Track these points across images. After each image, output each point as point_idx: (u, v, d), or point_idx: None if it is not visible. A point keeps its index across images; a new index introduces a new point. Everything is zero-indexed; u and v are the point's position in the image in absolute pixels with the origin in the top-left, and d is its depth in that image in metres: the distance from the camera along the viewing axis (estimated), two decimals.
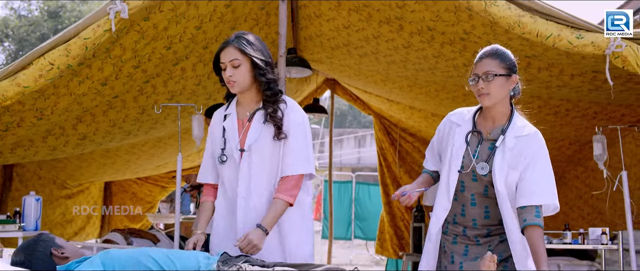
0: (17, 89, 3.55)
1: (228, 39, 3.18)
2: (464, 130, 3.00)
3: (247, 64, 3.09)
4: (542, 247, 2.68)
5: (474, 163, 2.88)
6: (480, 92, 2.85)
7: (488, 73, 2.83)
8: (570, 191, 7.75)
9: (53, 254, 2.66)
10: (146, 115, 5.30)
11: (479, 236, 2.93)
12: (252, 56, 3.07)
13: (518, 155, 2.84)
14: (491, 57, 2.89)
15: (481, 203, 2.91)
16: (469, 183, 2.90)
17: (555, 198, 2.86)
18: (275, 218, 3.02)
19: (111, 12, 3.56)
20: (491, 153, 2.88)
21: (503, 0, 3.48)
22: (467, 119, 3.05)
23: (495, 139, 2.89)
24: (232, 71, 3.09)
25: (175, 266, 2.47)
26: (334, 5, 4.83)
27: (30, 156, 5.32)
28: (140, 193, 9.14)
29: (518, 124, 2.94)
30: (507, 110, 2.97)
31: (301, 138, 3.14)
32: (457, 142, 2.98)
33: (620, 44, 3.39)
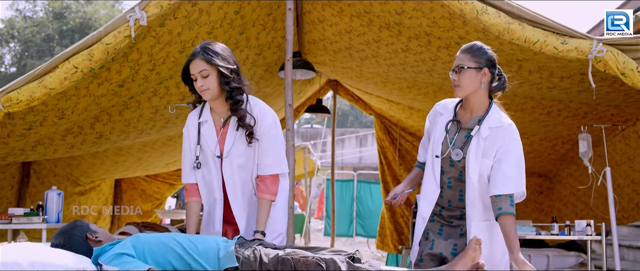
0: (44, 90, 3.79)
1: (195, 51, 3.32)
2: (445, 119, 3.27)
3: (215, 73, 3.23)
4: (515, 234, 2.97)
5: (450, 149, 3.15)
6: (453, 83, 3.13)
7: (459, 66, 3.11)
8: (563, 188, 8.00)
9: (88, 238, 2.95)
10: (159, 115, 5.57)
11: (452, 217, 3.20)
12: (219, 65, 3.21)
13: (491, 145, 3.09)
14: (464, 52, 3.16)
15: (456, 186, 3.18)
16: (447, 168, 3.17)
17: (524, 186, 3.12)
18: (266, 218, 3.29)
19: (131, 19, 3.81)
20: (467, 141, 3.14)
21: (493, 9, 3.73)
22: (449, 108, 3.32)
23: (472, 128, 3.15)
24: (202, 81, 3.24)
25: (198, 248, 2.75)
26: (337, 12, 5.09)
27: (49, 153, 5.59)
28: (149, 190, 9.40)
29: (494, 116, 3.19)
30: (485, 102, 3.22)
31: (274, 140, 3.34)
32: (438, 130, 3.25)
33: (602, 49, 3.63)
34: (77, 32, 27.36)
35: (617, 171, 6.53)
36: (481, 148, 3.10)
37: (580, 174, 7.38)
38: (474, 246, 2.69)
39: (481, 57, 3.14)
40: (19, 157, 5.57)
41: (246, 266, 2.66)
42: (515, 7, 3.72)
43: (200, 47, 3.29)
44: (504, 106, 6.05)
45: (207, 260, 2.73)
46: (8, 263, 2.56)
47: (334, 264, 2.59)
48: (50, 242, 2.96)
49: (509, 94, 5.63)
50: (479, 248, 2.69)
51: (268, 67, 6.26)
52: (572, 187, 7.67)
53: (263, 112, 3.35)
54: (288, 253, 2.68)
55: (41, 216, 4.79)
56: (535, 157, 7.72)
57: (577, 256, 5.92)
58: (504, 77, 3.30)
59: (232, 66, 3.27)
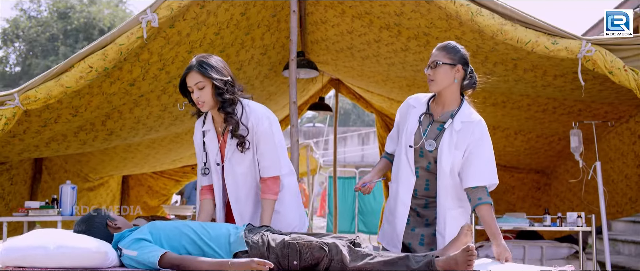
0: (61, 89, 3.97)
1: (190, 64, 3.44)
2: (418, 112, 3.46)
3: (210, 85, 3.36)
4: (495, 222, 3.21)
5: (423, 140, 3.35)
6: (428, 78, 3.35)
7: (435, 62, 3.32)
8: (560, 184, 8.15)
9: (108, 225, 3.15)
10: (167, 112, 5.77)
11: (418, 206, 3.41)
12: (212, 77, 3.34)
13: (463, 138, 3.31)
14: (440, 50, 3.37)
15: (423, 176, 3.39)
16: (417, 158, 3.38)
17: (497, 179, 3.37)
18: (270, 216, 3.45)
19: (143, 21, 4.00)
20: (439, 133, 3.35)
21: (487, 10, 3.92)
22: (422, 102, 3.52)
23: (444, 121, 3.36)
24: (198, 93, 3.37)
25: (209, 234, 2.96)
26: (339, 13, 5.27)
27: (62, 149, 5.79)
28: (156, 186, 9.58)
29: (466, 111, 3.40)
30: (457, 98, 3.43)
31: (270, 143, 3.46)
32: (411, 122, 3.45)
33: (590, 49, 3.82)
34: (82, 32, 27.54)
35: (611, 167, 6.69)
36: (454, 140, 3.31)
37: (576, 170, 7.48)
38: (465, 231, 2.88)
39: (455, 54, 3.36)
40: (33, 153, 5.77)
41: (255, 250, 2.86)
42: (508, 9, 3.91)
43: (195, 60, 3.40)
44: (501, 104, 6.26)
45: (218, 244, 2.93)
46: (37, 246, 2.77)
47: (335, 248, 2.79)
48: (72, 229, 3.17)
49: (505, 92, 5.85)
50: (470, 234, 2.89)
51: (272, 66, 6.44)
52: (568, 183, 7.81)
53: (258, 119, 3.44)
54: (293, 238, 2.88)
55: (56, 209, 5.01)
56: (532, 154, 7.87)
57: (569, 247, 6.10)
58: (475, 76, 3.50)
59: (226, 78, 3.38)
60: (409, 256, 2.78)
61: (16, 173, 6.24)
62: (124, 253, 2.90)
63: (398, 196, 3.42)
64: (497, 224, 3.21)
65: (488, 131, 3.45)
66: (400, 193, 3.40)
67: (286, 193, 3.59)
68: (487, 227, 3.22)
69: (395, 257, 2.77)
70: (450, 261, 2.71)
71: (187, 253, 2.93)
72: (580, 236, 5.39)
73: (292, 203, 3.61)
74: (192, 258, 2.84)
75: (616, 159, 6.63)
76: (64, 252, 2.76)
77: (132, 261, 2.87)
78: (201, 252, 2.92)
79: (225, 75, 3.39)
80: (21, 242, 2.83)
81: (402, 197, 3.40)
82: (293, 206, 3.62)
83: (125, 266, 2.93)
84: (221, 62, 3.45)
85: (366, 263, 2.75)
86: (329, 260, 2.78)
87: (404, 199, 3.38)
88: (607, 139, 6.75)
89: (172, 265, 2.81)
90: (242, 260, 2.72)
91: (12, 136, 4.79)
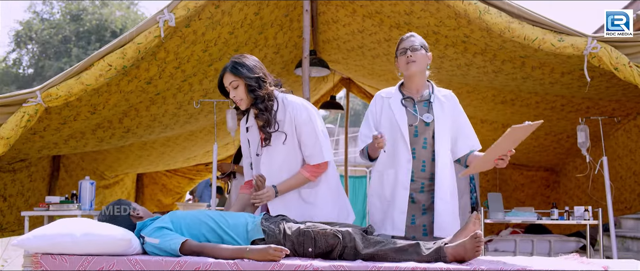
0: (81, 86, 4.10)
1: (226, 66, 3.55)
2: (397, 99, 3.60)
3: (243, 83, 3.46)
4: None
5: (418, 116, 3.51)
6: (409, 60, 3.50)
7: (413, 46, 3.50)
8: (569, 181, 8.22)
9: (131, 214, 3.28)
10: (183, 110, 5.90)
11: (414, 190, 3.51)
12: (245, 76, 3.43)
13: (450, 108, 3.56)
14: (414, 37, 3.56)
15: (420, 156, 3.51)
16: (412, 139, 3.51)
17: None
18: (290, 185, 3.51)
19: (160, 21, 4.12)
20: (429, 107, 3.54)
21: (495, 9, 4.01)
22: (394, 92, 3.66)
23: (427, 99, 3.56)
24: (233, 92, 3.48)
25: (228, 222, 3.08)
26: (350, 12, 5.39)
27: (80, 146, 5.94)
28: (170, 184, 9.72)
29: (438, 88, 3.64)
30: (425, 82, 3.63)
31: (312, 132, 3.51)
32: (395, 108, 3.57)
33: (596, 46, 3.90)
34: (94, 34, 27.72)
35: (619, 163, 6.76)
36: (444, 109, 3.54)
37: (584, 167, 7.52)
38: (473, 220, 2.98)
39: (424, 43, 3.57)
40: (52, 150, 5.92)
41: (271, 238, 2.98)
42: (515, 8, 4.00)
43: (231, 61, 3.52)
44: (510, 102, 6.35)
45: (237, 232, 3.05)
46: (64, 234, 2.90)
47: (349, 235, 2.90)
48: (97, 218, 3.31)
49: (514, 90, 5.94)
50: (478, 223, 2.98)
51: (285, 65, 6.56)
52: (577, 180, 7.88)
53: (296, 110, 3.50)
54: (308, 226, 2.99)
55: (76, 204, 5.15)
56: (541, 151, 7.95)
57: (577, 241, 6.17)
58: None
59: (257, 75, 3.46)
60: (419, 244, 2.89)
61: (35, 170, 6.39)
62: (147, 240, 3.03)
63: (397, 180, 3.51)
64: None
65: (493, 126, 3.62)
66: (400, 176, 3.50)
67: (323, 184, 3.60)
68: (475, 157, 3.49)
69: (406, 244, 2.88)
70: (459, 249, 2.82)
71: (206, 241, 3.05)
72: (588, 230, 5.46)
73: (327, 196, 3.59)
74: (211, 245, 2.96)
75: (624, 156, 6.69)
76: (90, 239, 2.89)
77: (154, 249, 3.00)
78: (220, 240, 3.04)
79: (257, 72, 3.47)
80: (49, 230, 2.96)
81: (401, 180, 3.49)
82: (329, 199, 3.60)
83: (147, 254, 3.05)
84: (254, 61, 3.54)
85: (378, 250, 2.86)
86: (343, 247, 2.89)
87: (404, 183, 3.49)
88: (615, 136, 6.81)
89: (193, 252, 2.94)
90: (260, 247, 2.84)
91: (32, 133, 4.93)
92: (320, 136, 3.51)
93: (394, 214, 3.51)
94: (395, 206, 3.51)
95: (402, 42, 3.58)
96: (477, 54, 5.07)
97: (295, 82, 7.11)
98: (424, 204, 3.51)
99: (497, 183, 8.62)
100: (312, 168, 3.52)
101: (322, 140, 3.52)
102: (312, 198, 3.56)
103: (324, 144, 3.52)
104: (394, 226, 3.49)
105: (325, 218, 3.45)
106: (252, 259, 2.81)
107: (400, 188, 3.49)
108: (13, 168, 5.98)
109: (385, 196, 3.58)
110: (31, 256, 2.92)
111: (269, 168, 3.55)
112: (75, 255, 2.90)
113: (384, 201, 3.59)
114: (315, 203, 3.56)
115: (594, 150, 6.76)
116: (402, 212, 3.49)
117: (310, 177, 3.52)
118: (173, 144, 7.47)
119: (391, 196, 3.54)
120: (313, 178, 3.53)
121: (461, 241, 2.83)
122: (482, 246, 2.81)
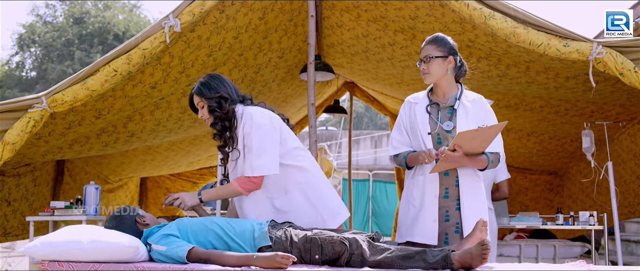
0: (87, 92, 4.10)
1: (193, 86, 3.65)
2: (423, 105, 3.56)
3: (206, 103, 3.55)
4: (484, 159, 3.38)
5: (438, 124, 3.46)
6: (423, 72, 3.47)
7: (427, 56, 3.44)
8: (573, 185, 8.21)
9: (137, 221, 3.28)
10: (187, 115, 5.90)
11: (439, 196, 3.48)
12: (206, 96, 3.52)
13: (475, 113, 3.46)
14: (430, 43, 3.48)
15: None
16: (435, 146, 3.46)
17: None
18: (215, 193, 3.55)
19: (166, 26, 4.13)
20: (451, 114, 3.47)
21: (500, 14, 4.00)
22: (422, 97, 3.62)
23: (452, 105, 3.48)
24: (201, 111, 3.60)
25: (234, 229, 3.08)
26: (354, 17, 5.39)
27: (85, 151, 5.94)
28: (173, 188, 9.72)
29: (467, 93, 3.55)
30: (454, 85, 3.55)
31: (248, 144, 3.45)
32: (420, 114, 3.53)
33: (601, 51, 3.87)
34: (96, 37, 27.77)
35: (624, 168, 6.75)
36: (469, 116, 3.45)
37: (588, 171, 7.54)
38: (480, 227, 2.98)
39: (444, 46, 3.48)
40: (57, 155, 5.92)
41: (278, 245, 2.99)
42: (520, 13, 3.99)
43: (197, 83, 3.61)
44: (513, 106, 6.35)
45: (243, 239, 3.06)
46: (72, 241, 2.91)
47: (356, 242, 2.91)
48: (103, 225, 3.31)
49: (518, 94, 5.94)
50: (485, 229, 2.98)
51: (289, 69, 6.56)
52: (580, 184, 7.87)
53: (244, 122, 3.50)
54: (315, 233, 3.00)
55: (81, 209, 5.16)
56: (544, 155, 7.94)
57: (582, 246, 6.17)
58: (465, 65, 3.61)
59: (217, 94, 3.52)
60: (426, 251, 2.89)
61: (39, 175, 6.40)
62: (153, 248, 3.04)
63: (425, 188, 3.48)
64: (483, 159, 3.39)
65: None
66: (428, 185, 3.47)
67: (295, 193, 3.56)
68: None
69: (412, 251, 2.88)
70: (466, 256, 2.81)
71: (213, 248, 3.05)
72: (593, 235, 5.46)
73: (303, 204, 3.55)
74: (218, 252, 2.97)
75: (629, 160, 6.69)
76: (97, 246, 2.90)
77: (161, 256, 3.00)
78: (227, 247, 3.05)
79: (219, 91, 3.52)
80: (56, 237, 2.97)
81: (431, 190, 3.46)
82: (306, 207, 3.56)
83: (154, 261, 3.05)
84: (218, 81, 3.59)
85: (385, 257, 2.86)
86: (350, 254, 2.89)
87: (433, 192, 3.45)
88: (619, 140, 6.81)
89: (200, 259, 2.94)
90: (267, 254, 2.84)
91: (37, 138, 4.93)
92: (254, 148, 3.44)
93: (425, 222, 3.46)
94: (424, 212, 3.48)
95: (421, 50, 3.53)
96: (482, 59, 5.07)
97: (299, 86, 7.12)
98: (447, 211, 3.46)
99: None
100: (242, 179, 3.47)
101: (256, 152, 3.43)
102: (286, 207, 3.54)
103: (257, 156, 3.43)
104: (423, 234, 3.45)
105: (308, 224, 3.45)
106: (259, 266, 2.82)
107: (431, 197, 3.46)
108: (17, 172, 5.99)
109: (414, 203, 3.54)
110: (38, 263, 2.93)
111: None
112: (82, 262, 2.91)
113: (413, 208, 3.54)
114: (290, 211, 3.53)
115: (599, 154, 6.74)
116: (433, 220, 3.44)
117: (239, 189, 3.46)
118: (177, 148, 7.47)
119: (420, 204, 3.51)
120: (244, 191, 3.47)
121: (468, 248, 2.83)
122: (489, 253, 2.81)
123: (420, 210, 3.49)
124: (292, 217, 3.49)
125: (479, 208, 3.45)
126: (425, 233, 3.43)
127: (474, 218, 3.29)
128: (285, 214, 3.51)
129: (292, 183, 3.55)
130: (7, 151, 3.97)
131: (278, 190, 3.53)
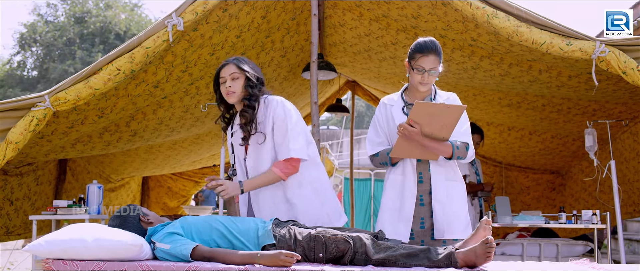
0: (90, 91, 4.10)
1: (228, 59, 3.66)
2: (398, 106, 3.64)
3: (243, 78, 3.55)
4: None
5: None
6: (423, 82, 3.50)
7: (433, 69, 3.48)
8: (575, 184, 8.21)
9: (141, 220, 3.28)
10: (189, 114, 5.90)
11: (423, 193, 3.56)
12: (247, 71, 3.54)
13: None
14: (435, 55, 3.50)
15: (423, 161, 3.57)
16: None
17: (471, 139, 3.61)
18: (257, 182, 3.49)
19: (169, 25, 4.13)
20: None
21: (503, 13, 4.00)
22: (396, 99, 3.69)
23: None
24: (231, 83, 3.54)
25: (238, 227, 3.08)
26: (357, 16, 5.39)
27: (87, 150, 5.94)
28: (175, 187, 9.74)
29: (440, 93, 3.65)
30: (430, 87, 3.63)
31: (282, 128, 3.48)
32: (397, 116, 3.60)
33: (604, 50, 3.87)
34: (98, 36, 27.78)
35: (626, 166, 6.75)
36: None
37: (591, 170, 7.56)
38: (484, 226, 2.98)
39: (441, 55, 3.54)
40: (59, 154, 5.93)
41: (282, 243, 2.99)
42: (523, 11, 3.99)
43: (233, 57, 3.64)
44: (515, 105, 6.35)
45: (247, 238, 3.06)
46: (76, 239, 2.91)
47: (360, 240, 2.91)
48: (107, 224, 3.32)
49: (520, 93, 5.94)
50: (489, 228, 2.98)
51: (291, 68, 6.56)
52: (583, 183, 7.87)
53: (274, 108, 3.53)
54: (319, 231, 3.00)
55: (83, 208, 5.17)
56: (547, 154, 7.94)
57: (584, 245, 6.16)
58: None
59: (258, 75, 3.60)
60: (430, 249, 2.89)
61: (42, 174, 6.40)
62: (157, 246, 3.04)
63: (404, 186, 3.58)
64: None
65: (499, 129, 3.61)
66: (407, 182, 3.57)
67: (308, 187, 3.58)
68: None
69: (417, 249, 2.88)
70: (470, 254, 2.82)
71: (217, 247, 3.05)
72: (596, 234, 5.46)
73: (313, 199, 3.58)
74: (222, 250, 2.97)
75: (631, 158, 6.68)
76: (101, 245, 2.90)
77: (165, 254, 3.00)
78: (231, 245, 3.05)
79: (258, 73, 3.61)
80: (60, 236, 2.98)
81: (410, 187, 3.56)
82: (315, 202, 3.59)
83: (158, 259, 3.06)
84: (255, 66, 3.67)
85: (389, 255, 2.86)
86: (354, 252, 2.90)
87: (412, 189, 3.55)
88: (621, 139, 6.81)
89: (204, 258, 2.94)
90: (271, 252, 2.84)
91: (40, 137, 4.94)
92: (290, 131, 3.49)
93: (400, 223, 3.56)
94: (401, 213, 3.58)
95: (421, 57, 3.50)
96: (484, 58, 5.07)
97: (301, 85, 7.12)
98: (421, 195, 3.57)
99: (502, 186, 8.61)
100: (281, 163, 3.49)
101: (293, 136, 3.48)
102: (296, 200, 3.56)
103: (294, 139, 3.48)
104: (397, 233, 3.54)
105: (312, 221, 3.47)
106: (263, 265, 2.82)
107: (409, 194, 3.55)
108: (20, 171, 5.99)
109: (394, 202, 3.62)
110: (42, 261, 2.93)
111: (256, 172, 3.56)
112: (86, 260, 2.91)
113: (393, 207, 3.63)
114: (299, 204, 3.55)
115: (601, 153, 6.75)
116: (407, 220, 3.54)
117: (280, 174, 3.48)
118: (179, 147, 7.48)
119: (400, 203, 3.59)
120: (283, 175, 3.49)
121: (472, 247, 2.83)
122: (493, 252, 2.81)
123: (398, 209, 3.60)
124: (299, 211, 3.51)
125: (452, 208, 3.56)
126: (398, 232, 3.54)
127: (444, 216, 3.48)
128: (293, 207, 3.54)
129: (306, 177, 3.59)
130: (10, 150, 3.97)
131: (292, 181, 3.56)
